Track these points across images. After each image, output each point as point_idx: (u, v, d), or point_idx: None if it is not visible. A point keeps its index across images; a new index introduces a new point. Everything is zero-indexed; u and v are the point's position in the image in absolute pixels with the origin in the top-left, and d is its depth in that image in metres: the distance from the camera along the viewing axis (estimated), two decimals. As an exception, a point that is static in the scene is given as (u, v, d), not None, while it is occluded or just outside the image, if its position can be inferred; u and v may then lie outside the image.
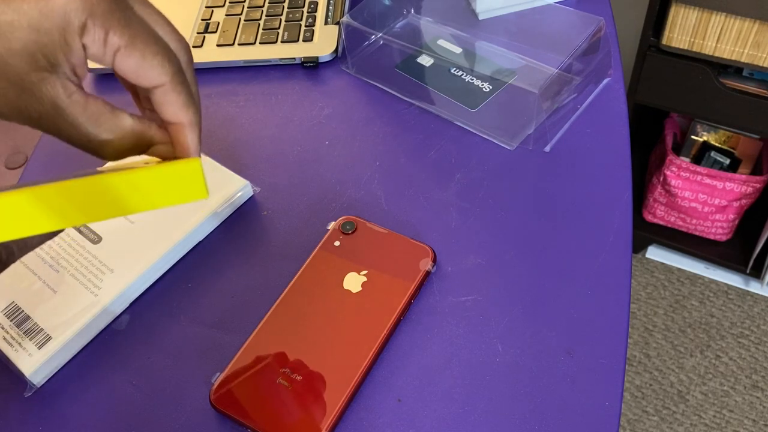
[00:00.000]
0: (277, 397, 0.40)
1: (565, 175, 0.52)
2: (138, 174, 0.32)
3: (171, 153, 0.35)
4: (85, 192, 0.31)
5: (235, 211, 0.52)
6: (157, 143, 0.34)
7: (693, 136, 1.35)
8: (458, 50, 0.62)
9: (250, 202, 0.53)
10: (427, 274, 0.46)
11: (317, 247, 0.47)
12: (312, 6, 0.69)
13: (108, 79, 0.66)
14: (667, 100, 1.24)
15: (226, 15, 0.69)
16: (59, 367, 0.44)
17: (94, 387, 0.43)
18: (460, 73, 0.60)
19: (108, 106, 0.31)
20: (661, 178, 1.34)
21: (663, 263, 1.50)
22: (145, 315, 0.47)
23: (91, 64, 0.66)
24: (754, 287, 1.44)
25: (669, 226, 1.43)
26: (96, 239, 0.49)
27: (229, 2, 0.71)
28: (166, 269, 0.49)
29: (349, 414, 0.41)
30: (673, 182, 1.32)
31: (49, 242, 0.49)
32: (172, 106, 0.33)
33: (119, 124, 0.31)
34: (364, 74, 0.63)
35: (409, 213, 0.51)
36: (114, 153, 0.32)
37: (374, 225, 0.48)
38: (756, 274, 1.40)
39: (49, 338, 0.43)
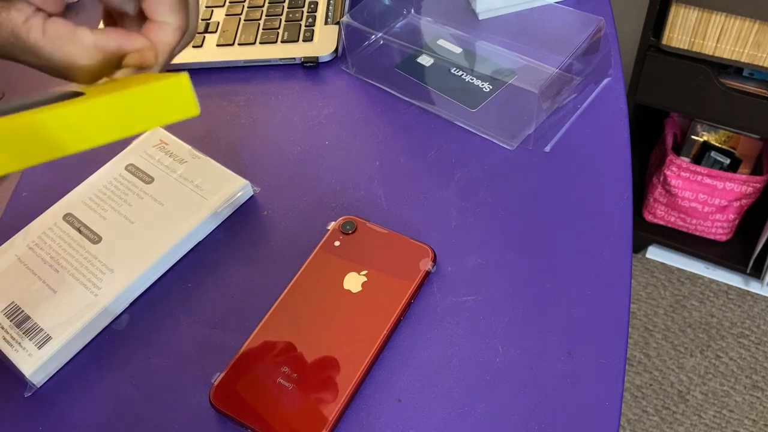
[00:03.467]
0: (278, 397, 0.40)
1: (565, 175, 0.52)
2: (122, 94, 0.30)
3: (146, 60, 0.32)
4: (71, 119, 0.30)
5: (235, 211, 0.52)
6: (129, 51, 0.32)
7: (693, 136, 1.35)
8: (458, 50, 0.62)
9: (250, 202, 0.53)
10: (427, 274, 0.46)
11: (317, 247, 0.47)
12: (312, 6, 0.69)
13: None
14: (668, 100, 1.24)
15: (226, 15, 0.69)
16: (59, 367, 0.44)
17: (94, 387, 0.43)
18: (460, 73, 0.60)
19: (68, 26, 0.30)
20: (662, 178, 1.34)
21: (663, 263, 1.50)
22: (145, 315, 0.47)
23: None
24: (755, 287, 1.44)
25: (669, 226, 1.43)
26: (96, 239, 0.48)
27: (229, 2, 0.71)
28: (166, 269, 0.49)
29: (349, 414, 0.41)
30: (673, 182, 1.32)
31: (48, 242, 0.49)
32: (164, 4, 0.31)
33: (81, 42, 0.30)
34: (364, 74, 0.63)
35: (409, 213, 0.51)
36: (85, 75, 0.31)
37: (374, 225, 0.48)
38: (756, 274, 1.40)
39: (49, 338, 0.43)
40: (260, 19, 0.68)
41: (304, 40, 0.65)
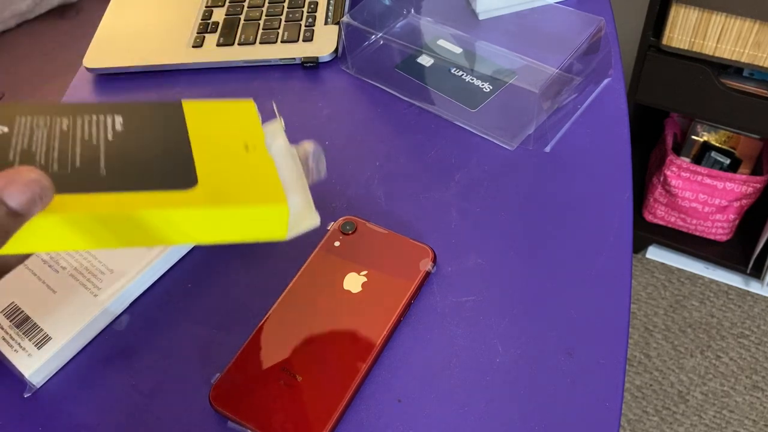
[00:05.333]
0: (277, 398, 0.40)
1: (566, 175, 0.52)
2: (229, 212, 0.32)
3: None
4: (175, 219, 0.32)
5: (235, 212, 0.52)
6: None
7: (693, 136, 1.35)
8: (458, 50, 0.62)
9: (250, 202, 0.53)
10: (427, 274, 0.46)
11: (317, 248, 0.47)
12: (312, 6, 0.69)
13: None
14: (668, 100, 1.24)
15: (226, 15, 0.69)
16: (59, 368, 0.44)
17: (94, 387, 0.43)
18: (460, 73, 0.60)
19: None
20: (662, 178, 1.34)
21: (663, 263, 1.50)
22: (144, 315, 0.47)
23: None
24: (755, 287, 1.44)
25: (669, 226, 1.43)
26: (96, 239, 0.48)
27: (229, 2, 0.71)
28: (166, 269, 0.49)
29: (350, 414, 0.40)
30: (673, 182, 1.32)
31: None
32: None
33: None
34: (364, 74, 0.63)
35: (409, 213, 0.51)
36: None
37: (374, 225, 0.48)
38: (756, 274, 1.40)
39: (49, 338, 0.43)
40: (260, 19, 0.68)
41: (304, 40, 0.65)
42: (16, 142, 0.32)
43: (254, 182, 0.34)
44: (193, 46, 0.66)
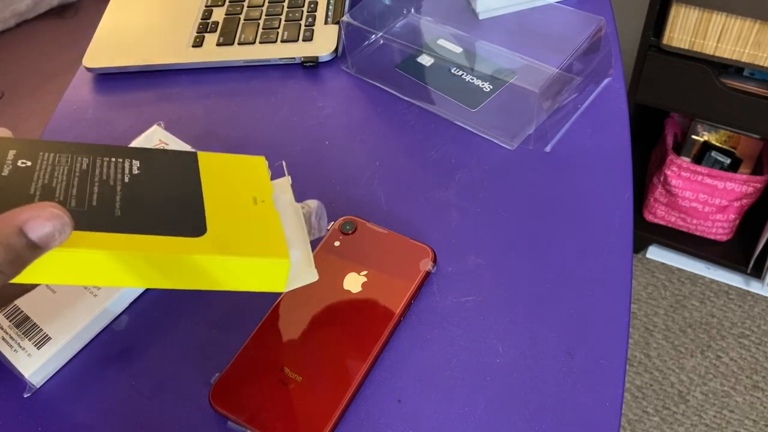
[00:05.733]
0: (277, 398, 0.40)
1: (566, 175, 0.52)
2: (236, 261, 0.34)
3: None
4: (169, 263, 0.33)
5: (234, 211, 0.52)
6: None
7: (693, 136, 1.35)
8: (458, 50, 0.62)
9: (250, 202, 0.53)
10: (428, 274, 0.46)
11: (317, 247, 0.47)
12: (312, 5, 0.69)
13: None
14: (668, 100, 1.24)
15: (226, 14, 0.69)
16: (58, 368, 0.44)
17: (94, 387, 0.43)
18: (460, 72, 0.60)
19: None
20: (662, 178, 1.34)
21: (663, 263, 1.50)
22: (144, 315, 0.47)
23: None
24: (755, 287, 1.44)
25: (669, 226, 1.43)
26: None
27: (229, 2, 0.71)
28: (166, 269, 0.49)
29: (350, 414, 0.40)
30: (673, 182, 1.32)
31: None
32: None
33: None
34: (364, 74, 0.62)
35: (409, 213, 0.51)
36: None
37: (374, 225, 0.48)
38: (757, 274, 1.39)
39: (49, 339, 0.43)
40: (260, 18, 0.68)
41: (303, 40, 0.65)
42: (38, 176, 0.34)
43: (260, 235, 0.36)
44: (193, 46, 0.66)
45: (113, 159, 0.37)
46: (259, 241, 0.36)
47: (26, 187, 0.33)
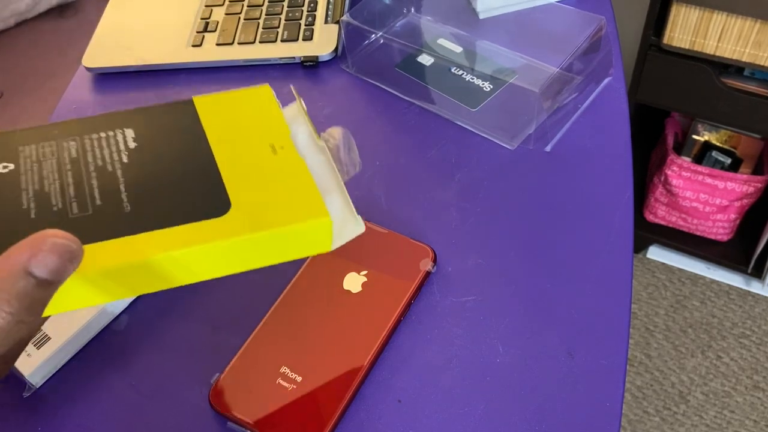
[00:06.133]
0: (277, 398, 0.40)
1: (566, 175, 0.52)
2: (262, 235, 0.29)
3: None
4: (205, 255, 0.29)
5: (234, 211, 0.52)
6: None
7: (694, 136, 1.35)
8: (459, 49, 0.62)
9: (250, 201, 0.53)
10: (428, 274, 0.46)
11: (317, 247, 0.47)
12: (312, 5, 0.69)
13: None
14: (668, 100, 1.24)
15: (226, 14, 0.69)
16: (58, 368, 0.44)
17: (93, 387, 0.43)
18: (460, 72, 0.60)
19: None
20: (662, 178, 1.34)
21: (664, 263, 1.50)
22: (144, 315, 0.46)
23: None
24: (756, 287, 1.44)
25: (670, 226, 1.43)
26: (95, 239, 0.48)
27: (229, 1, 0.71)
28: (166, 269, 0.48)
29: (349, 415, 0.40)
30: (674, 182, 1.32)
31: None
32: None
33: None
34: (364, 73, 0.62)
35: (409, 213, 0.51)
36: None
37: (374, 225, 0.48)
38: (757, 274, 1.39)
39: (48, 338, 0.43)
40: (260, 18, 0.68)
41: (303, 40, 0.65)
42: (26, 181, 0.29)
43: (290, 194, 0.31)
44: (193, 46, 0.66)
45: (103, 134, 0.32)
46: (290, 202, 0.30)
47: (17, 201, 0.28)
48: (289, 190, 0.31)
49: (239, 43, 0.66)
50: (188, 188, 0.30)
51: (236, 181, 0.31)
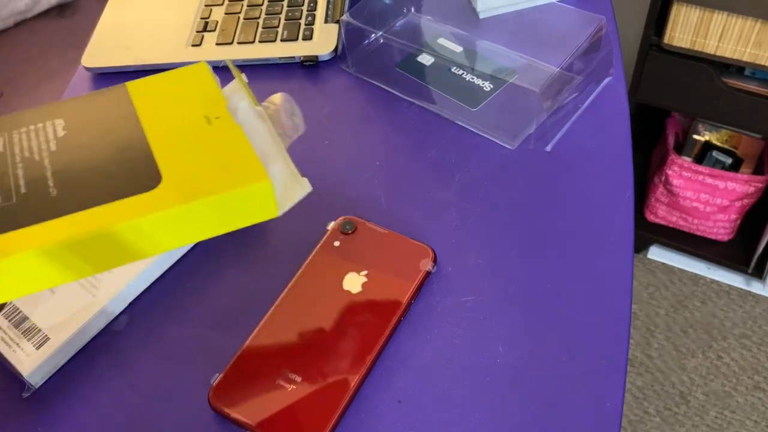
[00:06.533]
0: (277, 398, 0.40)
1: (566, 175, 0.52)
2: (202, 202, 0.29)
3: None
4: (146, 227, 0.28)
5: (234, 211, 0.52)
6: None
7: (695, 136, 1.35)
8: (459, 49, 0.61)
9: (250, 201, 0.53)
10: (428, 274, 0.46)
11: (317, 247, 0.47)
12: (312, 4, 0.69)
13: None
14: (669, 100, 1.24)
15: (225, 13, 0.69)
16: (57, 368, 0.44)
17: (93, 388, 0.43)
18: (460, 72, 0.60)
19: None
20: (663, 178, 1.34)
21: (664, 263, 1.50)
22: (143, 315, 0.46)
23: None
24: (756, 288, 1.44)
25: (671, 226, 1.43)
26: (94, 239, 0.48)
27: (229, 1, 0.71)
28: (165, 269, 0.48)
29: (349, 415, 0.40)
30: (674, 182, 1.32)
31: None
32: None
33: None
34: (364, 73, 0.62)
35: (409, 213, 0.51)
36: None
37: (374, 225, 0.48)
38: (758, 274, 1.39)
39: (47, 338, 0.43)
40: (259, 17, 0.68)
41: (303, 39, 0.65)
42: None
43: (226, 161, 0.30)
44: (192, 45, 0.66)
45: (32, 126, 0.31)
46: (227, 169, 0.30)
47: None
48: (227, 158, 0.31)
49: (239, 43, 0.66)
50: (118, 167, 0.30)
51: (168, 155, 0.30)
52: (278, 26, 0.67)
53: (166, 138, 0.31)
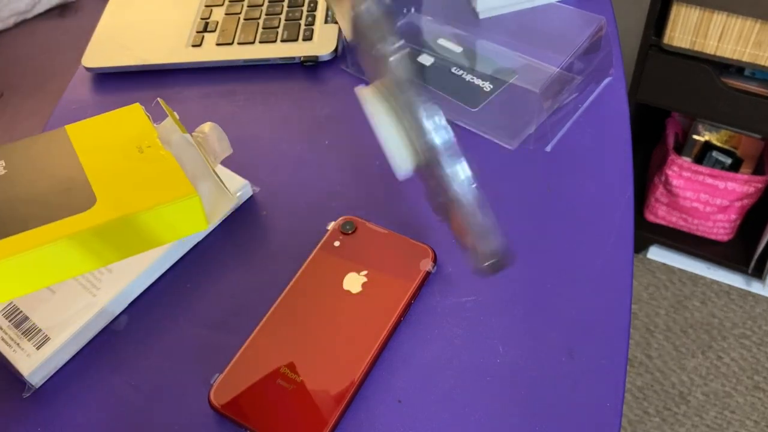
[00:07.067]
0: (277, 398, 0.40)
1: (566, 175, 0.52)
2: (130, 218, 0.33)
3: None
4: (75, 244, 0.32)
5: (234, 211, 0.52)
6: None
7: (694, 136, 1.35)
8: (459, 49, 0.61)
9: (250, 202, 0.53)
10: (428, 274, 0.46)
11: (317, 248, 0.47)
12: (312, 5, 0.69)
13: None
14: (669, 100, 1.24)
15: (226, 14, 0.69)
16: (58, 368, 0.44)
17: (93, 388, 0.43)
18: (460, 72, 0.60)
19: None
20: (663, 178, 1.34)
21: (664, 263, 1.50)
22: (143, 315, 0.46)
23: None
24: (756, 288, 1.44)
25: (670, 226, 1.43)
26: (95, 239, 0.48)
27: (229, 1, 0.71)
28: (165, 269, 0.48)
29: (349, 415, 0.40)
30: (674, 182, 1.32)
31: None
32: None
33: None
34: (364, 73, 0.62)
35: (409, 213, 0.51)
36: None
37: (374, 225, 0.48)
38: (758, 274, 1.39)
39: (48, 339, 0.43)
40: (260, 18, 0.68)
41: (303, 39, 0.65)
42: None
43: (157, 181, 0.34)
44: (193, 46, 0.66)
45: None
46: (157, 187, 0.34)
47: None
48: (158, 179, 0.35)
49: (239, 43, 0.66)
50: (54, 196, 0.33)
51: (103, 182, 0.35)
52: (278, 27, 0.67)
53: (102, 168, 0.35)
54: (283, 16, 0.68)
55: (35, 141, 0.37)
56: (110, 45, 0.67)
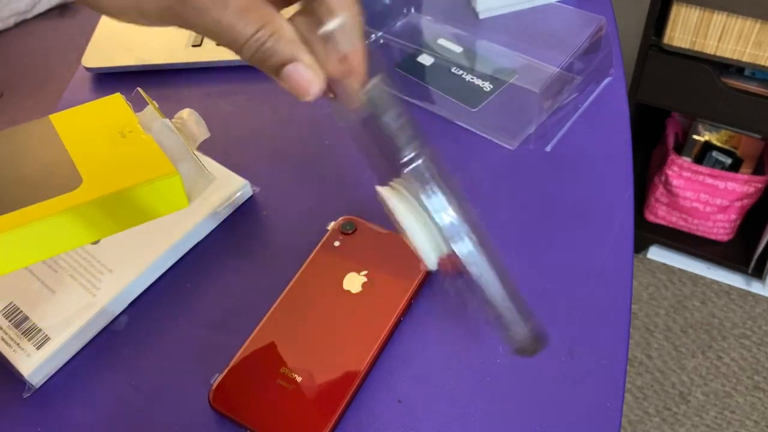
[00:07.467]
0: (277, 398, 0.40)
1: (566, 175, 0.52)
2: (115, 195, 0.34)
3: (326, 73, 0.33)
4: (62, 221, 0.34)
5: (234, 211, 0.52)
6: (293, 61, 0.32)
7: (694, 136, 1.35)
8: (459, 49, 0.61)
9: (250, 202, 0.53)
10: (428, 274, 0.46)
11: (317, 248, 0.47)
12: (312, 5, 0.69)
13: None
14: (669, 100, 1.24)
15: (226, 14, 0.69)
16: (58, 368, 0.44)
17: (93, 388, 0.43)
18: (460, 72, 0.60)
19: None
20: (663, 178, 1.34)
21: (664, 263, 1.50)
22: (144, 315, 0.46)
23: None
24: (756, 288, 1.44)
25: (670, 226, 1.43)
26: (95, 239, 0.48)
27: (229, 1, 0.70)
28: (165, 269, 0.48)
29: (349, 415, 0.40)
30: (674, 182, 1.32)
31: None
32: (354, 35, 0.32)
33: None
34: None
35: (410, 213, 0.50)
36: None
37: (374, 225, 0.48)
38: (758, 274, 1.39)
39: (48, 338, 0.43)
40: (260, 18, 0.68)
41: (304, 40, 0.65)
42: None
43: (139, 162, 0.37)
44: (193, 45, 0.66)
45: None
46: (140, 167, 0.36)
47: None
48: (139, 161, 0.37)
49: (239, 43, 0.66)
50: (42, 178, 0.35)
51: (88, 163, 0.36)
52: (278, 26, 0.67)
53: (87, 152, 0.37)
54: (283, 16, 0.68)
55: (20, 129, 0.39)
56: (110, 45, 0.67)
